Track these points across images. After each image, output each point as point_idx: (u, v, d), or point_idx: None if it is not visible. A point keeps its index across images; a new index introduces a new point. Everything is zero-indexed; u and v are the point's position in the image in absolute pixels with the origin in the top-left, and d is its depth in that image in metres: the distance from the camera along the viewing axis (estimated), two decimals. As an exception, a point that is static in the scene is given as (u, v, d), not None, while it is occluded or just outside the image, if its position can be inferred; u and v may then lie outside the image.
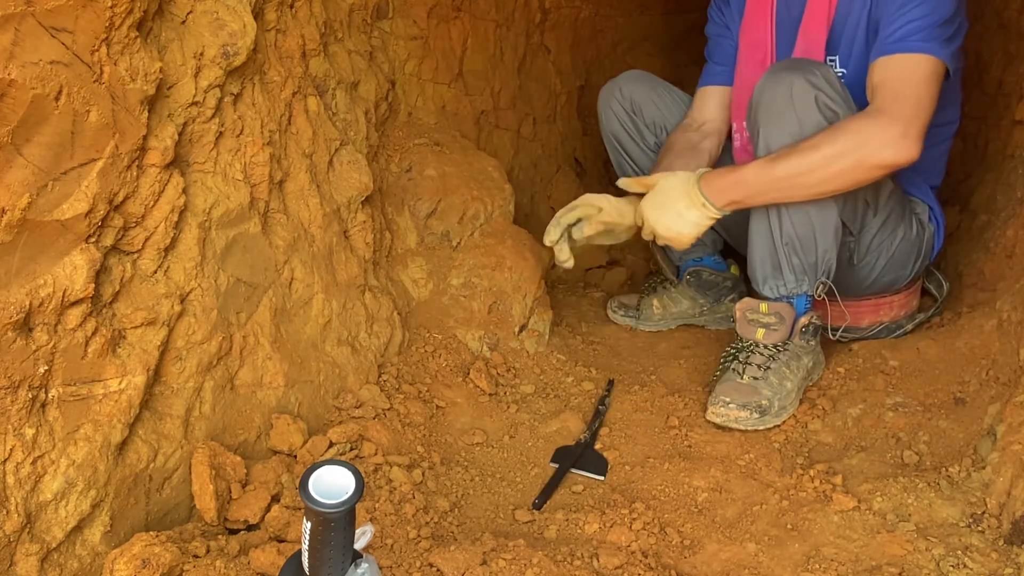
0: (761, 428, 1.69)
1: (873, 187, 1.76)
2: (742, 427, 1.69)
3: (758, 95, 1.70)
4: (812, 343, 1.81)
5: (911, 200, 1.92)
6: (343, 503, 0.86)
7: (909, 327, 2.00)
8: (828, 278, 1.78)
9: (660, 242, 1.79)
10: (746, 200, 1.71)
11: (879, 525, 1.39)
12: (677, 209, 1.73)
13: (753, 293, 1.87)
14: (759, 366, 1.74)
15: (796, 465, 1.59)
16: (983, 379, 1.68)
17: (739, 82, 2.03)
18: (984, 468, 1.43)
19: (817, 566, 1.32)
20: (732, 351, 1.82)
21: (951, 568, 1.27)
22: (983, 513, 1.37)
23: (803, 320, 1.78)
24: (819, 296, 1.79)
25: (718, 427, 1.71)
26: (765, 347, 1.77)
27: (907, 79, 1.62)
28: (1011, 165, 2.12)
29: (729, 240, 2.25)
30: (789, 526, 1.42)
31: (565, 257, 1.84)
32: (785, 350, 1.77)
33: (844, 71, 1.82)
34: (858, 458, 1.58)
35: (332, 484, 0.88)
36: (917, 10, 1.64)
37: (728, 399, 1.69)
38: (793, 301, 1.78)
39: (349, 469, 0.89)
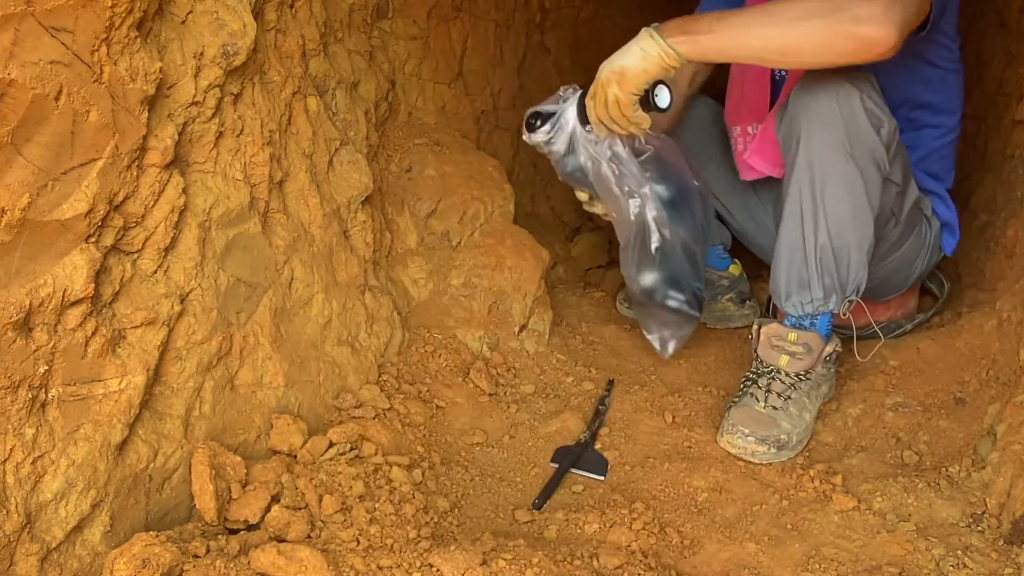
0: (776, 462, 1.60)
1: (899, 196, 1.69)
2: (758, 460, 1.60)
3: (795, 102, 1.61)
4: (832, 370, 1.74)
5: (922, 198, 1.84)
6: None
7: (908, 327, 1.99)
8: (857, 295, 1.68)
9: (610, 95, 1.61)
10: (699, 36, 1.50)
11: (879, 525, 1.39)
12: (623, 49, 1.59)
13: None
14: (779, 394, 1.65)
15: (796, 465, 1.59)
16: (983, 379, 1.68)
17: (734, 82, 1.98)
18: (984, 468, 1.44)
19: (817, 566, 1.32)
20: (752, 376, 1.71)
21: (951, 568, 1.27)
22: (983, 513, 1.37)
23: (828, 348, 1.69)
24: (844, 315, 1.69)
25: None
26: (787, 374, 1.67)
27: None
28: (1011, 165, 2.12)
29: (745, 243, 2.23)
30: (789, 526, 1.42)
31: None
32: (807, 379, 1.67)
33: None
34: (858, 458, 1.58)
35: None
36: None
37: (747, 430, 1.60)
38: (817, 321, 1.68)
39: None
